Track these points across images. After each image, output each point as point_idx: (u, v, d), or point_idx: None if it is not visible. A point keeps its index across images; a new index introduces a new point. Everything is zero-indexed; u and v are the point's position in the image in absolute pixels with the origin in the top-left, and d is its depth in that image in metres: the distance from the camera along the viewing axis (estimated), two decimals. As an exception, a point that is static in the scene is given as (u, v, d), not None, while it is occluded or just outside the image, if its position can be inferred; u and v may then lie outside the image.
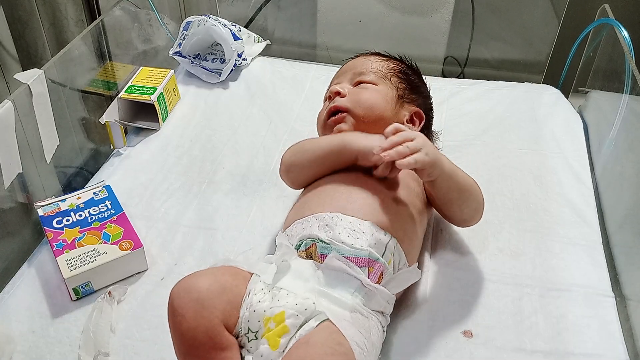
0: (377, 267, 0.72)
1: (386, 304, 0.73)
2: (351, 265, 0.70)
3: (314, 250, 0.74)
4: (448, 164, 0.79)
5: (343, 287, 0.70)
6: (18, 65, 1.34)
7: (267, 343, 0.65)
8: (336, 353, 0.61)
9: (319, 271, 0.71)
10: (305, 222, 0.78)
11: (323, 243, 0.73)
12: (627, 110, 1.04)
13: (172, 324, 0.67)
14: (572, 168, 1.07)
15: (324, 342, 0.63)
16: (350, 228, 0.74)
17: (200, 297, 0.66)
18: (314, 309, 0.67)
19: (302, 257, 0.74)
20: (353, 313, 0.68)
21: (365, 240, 0.73)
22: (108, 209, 0.92)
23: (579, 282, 0.86)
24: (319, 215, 0.77)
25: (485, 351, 0.76)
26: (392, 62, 0.98)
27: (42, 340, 0.78)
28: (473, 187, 0.83)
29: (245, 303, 0.69)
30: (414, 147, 0.74)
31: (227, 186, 1.04)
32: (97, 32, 1.19)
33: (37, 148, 0.99)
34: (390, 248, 0.75)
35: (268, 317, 0.67)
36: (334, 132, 0.91)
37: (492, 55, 1.46)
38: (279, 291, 0.69)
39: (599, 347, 0.77)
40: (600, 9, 1.23)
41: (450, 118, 1.20)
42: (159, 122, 1.17)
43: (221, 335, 0.66)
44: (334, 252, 0.71)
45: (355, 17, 1.45)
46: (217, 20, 1.30)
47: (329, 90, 0.96)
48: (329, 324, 0.65)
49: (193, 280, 0.68)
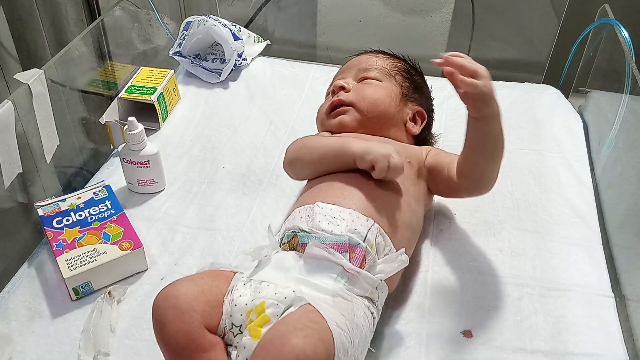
0: (359, 252, 0.72)
1: (373, 290, 0.72)
2: (331, 252, 0.70)
3: (296, 241, 0.75)
4: (499, 109, 0.76)
5: (325, 274, 0.70)
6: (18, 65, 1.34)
7: (249, 334, 0.66)
8: (307, 329, 0.61)
9: (300, 260, 0.72)
10: (291, 216, 0.80)
11: (304, 232, 0.74)
12: (627, 110, 1.04)
13: (155, 332, 0.68)
14: (572, 168, 1.07)
15: (297, 318, 0.63)
16: (330, 215, 0.75)
17: (178, 302, 0.67)
18: (294, 297, 0.67)
19: (286, 250, 0.75)
20: (335, 297, 0.68)
21: (345, 226, 0.73)
22: (108, 208, 0.92)
23: (579, 282, 0.86)
24: (302, 207, 0.79)
25: (485, 351, 0.76)
26: (396, 61, 0.98)
27: (42, 340, 0.78)
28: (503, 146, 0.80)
29: (227, 300, 0.70)
30: (479, 70, 0.72)
31: (227, 186, 1.04)
32: (97, 32, 1.19)
33: (37, 148, 0.99)
34: (373, 233, 0.75)
35: (249, 309, 0.68)
36: (336, 123, 0.91)
37: (492, 55, 1.46)
38: (260, 284, 0.70)
39: (599, 347, 0.77)
40: (600, 9, 1.23)
41: (450, 118, 1.20)
42: (159, 122, 1.17)
43: (202, 337, 0.67)
44: (313, 239, 0.72)
45: (355, 17, 1.45)
46: (217, 20, 1.30)
47: (333, 84, 0.96)
48: (308, 306, 0.65)
49: (171, 287, 0.69)
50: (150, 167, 0.98)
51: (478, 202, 0.99)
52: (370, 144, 0.80)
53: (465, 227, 0.94)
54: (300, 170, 0.89)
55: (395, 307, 0.82)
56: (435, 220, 0.96)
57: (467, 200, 0.99)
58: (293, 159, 0.89)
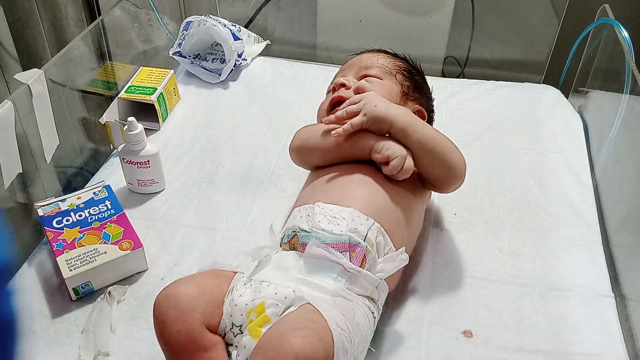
0: (359, 251, 0.72)
1: (373, 289, 0.72)
2: (331, 251, 0.70)
3: (296, 241, 0.75)
4: (405, 118, 0.80)
5: (325, 273, 0.70)
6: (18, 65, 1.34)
7: (249, 334, 0.66)
8: (306, 328, 0.61)
9: (300, 260, 0.72)
10: (291, 216, 0.80)
11: (304, 232, 0.74)
12: (627, 110, 1.04)
13: (156, 332, 0.68)
14: (572, 168, 1.07)
15: (296, 318, 0.64)
16: (330, 215, 0.75)
17: (179, 302, 0.67)
18: (294, 297, 0.67)
19: (286, 249, 0.75)
20: (336, 297, 0.68)
21: (345, 226, 0.73)
22: (108, 208, 0.92)
23: (579, 282, 0.86)
24: (302, 207, 0.79)
25: (486, 351, 0.76)
26: (397, 60, 0.98)
27: (42, 340, 0.78)
28: (440, 141, 0.81)
29: (227, 299, 0.70)
30: (350, 110, 0.81)
31: (227, 186, 1.04)
32: (97, 32, 1.19)
33: (37, 148, 0.99)
34: (373, 232, 0.75)
35: (250, 309, 0.68)
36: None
37: (492, 55, 1.46)
38: (260, 284, 0.70)
39: (599, 347, 0.77)
40: (600, 9, 1.23)
41: (450, 118, 1.20)
42: (159, 122, 1.17)
43: (203, 337, 0.67)
44: (313, 239, 0.72)
45: (355, 17, 1.45)
46: (217, 20, 1.30)
47: (334, 82, 0.96)
48: (308, 305, 0.65)
49: (172, 287, 0.69)
50: (150, 167, 0.98)
51: (478, 202, 0.99)
52: (389, 140, 0.81)
53: (465, 227, 0.94)
54: (308, 155, 0.89)
55: (395, 307, 0.82)
56: (435, 220, 0.96)
57: (467, 200, 0.99)
58: (304, 143, 0.89)
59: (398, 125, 0.80)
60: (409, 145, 0.81)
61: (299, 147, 0.90)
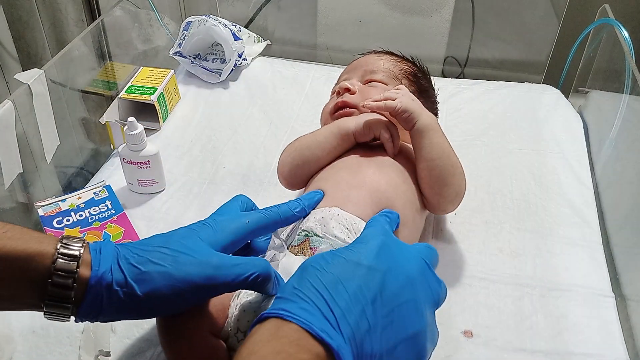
0: None
1: None
2: None
3: (307, 245, 0.74)
4: (430, 121, 0.83)
5: None
6: (18, 65, 1.34)
7: None
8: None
9: None
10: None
11: (317, 237, 0.73)
12: (627, 110, 1.04)
13: (159, 334, 0.67)
14: (572, 168, 1.07)
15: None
16: (344, 225, 0.74)
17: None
18: None
19: (294, 253, 0.74)
20: None
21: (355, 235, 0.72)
22: (108, 208, 0.92)
23: (579, 282, 0.86)
24: (317, 210, 0.77)
25: (486, 351, 0.76)
26: (404, 64, 0.98)
27: (42, 340, 0.78)
28: (447, 157, 0.83)
29: (233, 304, 0.69)
30: (388, 95, 0.83)
31: (227, 186, 1.04)
32: (97, 32, 1.19)
33: (37, 148, 0.99)
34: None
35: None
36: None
37: (492, 55, 1.46)
38: None
39: (599, 347, 0.77)
40: (600, 9, 1.23)
41: (450, 118, 1.21)
42: (159, 122, 1.17)
43: (206, 341, 0.66)
44: (324, 245, 0.71)
45: (355, 17, 1.45)
46: (217, 20, 1.30)
47: (338, 85, 0.96)
48: None
49: None
50: (150, 167, 0.98)
51: (478, 202, 0.99)
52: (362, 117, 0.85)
53: (465, 227, 0.94)
54: (305, 168, 0.87)
55: (395, 307, 0.82)
56: (435, 220, 0.96)
57: (467, 200, 0.98)
58: (295, 157, 0.87)
59: (421, 123, 0.82)
60: (418, 146, 0.82)
61: (290, 169, 0.88)
